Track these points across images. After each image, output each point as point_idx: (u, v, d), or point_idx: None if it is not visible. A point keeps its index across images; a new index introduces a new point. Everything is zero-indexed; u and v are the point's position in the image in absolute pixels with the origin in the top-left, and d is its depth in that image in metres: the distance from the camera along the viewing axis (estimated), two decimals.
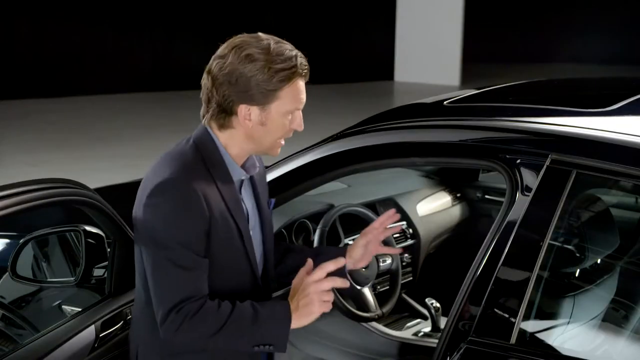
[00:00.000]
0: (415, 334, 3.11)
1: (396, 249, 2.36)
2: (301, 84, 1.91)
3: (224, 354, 1.97)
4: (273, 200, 2.13)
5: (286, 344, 1.91)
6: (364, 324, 2.98)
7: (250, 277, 2.01)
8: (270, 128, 1.91)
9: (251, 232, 2.00)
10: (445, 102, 2.59)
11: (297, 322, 1.90)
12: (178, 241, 1.83)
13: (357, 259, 2.20)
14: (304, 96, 1.93)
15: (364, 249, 2.19)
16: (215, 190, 1.89)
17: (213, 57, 1.92)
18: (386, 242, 2.99)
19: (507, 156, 2.11)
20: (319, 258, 2.16)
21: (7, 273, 2.44)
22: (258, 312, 1.88)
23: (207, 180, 1.89)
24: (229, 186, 1.94)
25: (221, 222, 1.90)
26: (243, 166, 2.00)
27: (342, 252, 2.19)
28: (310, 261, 2.00)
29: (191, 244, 1.84)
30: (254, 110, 1.89)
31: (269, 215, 2.10)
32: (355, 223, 3.01)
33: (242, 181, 2.01)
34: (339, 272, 2.07)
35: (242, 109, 1.89)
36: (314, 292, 1.88)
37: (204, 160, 1.91)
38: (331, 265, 1.93)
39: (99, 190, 2.30)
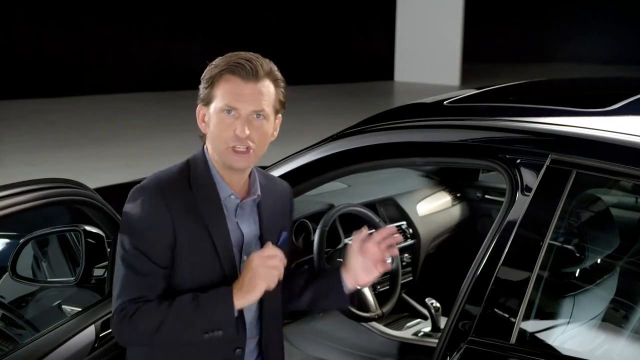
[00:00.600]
0: (415, 334, 3.11)
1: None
2: (235, 81, 1.88)
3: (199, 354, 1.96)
4: (285, 233, 2.07)
5: (234, 326, 1.89)
6: (364, 324, 2.98)
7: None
8: (212, 129, 1.91)
9: (244, 258, 1.97)
10: (445, 102, 2.59)
11: (242, 300, 1.88)
12: (136, 247, 1.88)
13: (357, 271, 2.04)
14: (238, 97, 1.87)
15: (359, 258, 2.03)
16: (193, 207, 1.91)
17: None
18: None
19: (507, 156, 2.11)
20: (315, 283, 2.13)
21: (7, 273, 2.44)
22: (199, 298, 1.88)
23: (185, 195, 1.91)
24: (212, 205, 1.93)
25: (195, 240, 1.90)
26: (247, 191, 2.00)
27: (337, 272, 2.09)
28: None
29: (149, 252, 1.88)
30: (203, 110, 1.94)
31: None
32: (355, 223, 3.00)
33: (237, 204, 1.98)
34: (339, 294, 2.06)
35: (197, 109, 1.95)
36: (258, 266, 1.86)
37: (189, 177, 1.94)
38: (276, 251, 1.90)
39: (99, 190, 2.30)
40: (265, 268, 1.87)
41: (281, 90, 1.96)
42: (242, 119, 1.88)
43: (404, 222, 3.36)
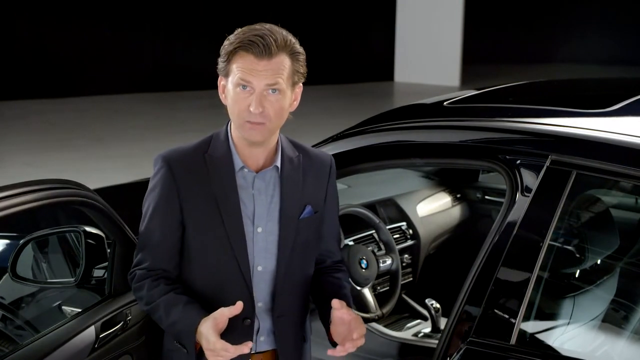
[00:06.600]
0: (415, 335, 3.11)
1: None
2: (248, 57, 1.89)
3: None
4: (309, 207, 2.03)
5: (194, 353, 1.90)
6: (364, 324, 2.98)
7: (238, 276, 1.98)
8: (230, 102, 1.95)
9: (259, 230, 1.98)
10: (445, 103, 2.59)
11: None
12: (148, 214, 2.00)
13: (336, 335, 2.03)
14: (251, 72, 1.88)
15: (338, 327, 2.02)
16: (204, 179, 1.96)
17: None
18: (387, 244, 3.00)
19: (507, 157, 2.12)
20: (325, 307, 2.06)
21: (7, 273, 2.43)
22: (170, 310, 1.92)
23: (197, 168, 1.97)
24: (224, 177, 1.97)
25: (203, 212, 1.96)
26: (270, 163, 2.00)
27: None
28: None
29: (151, 223, 1.99)
30: (223, 81, 1.97)
31: (291, 221, 2.01)
32: (355, 223, 3.01)
33: (254, 176, 1.99)
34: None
35: (218, 80, 1.98)
36: (206, 345, 1.85)
37: (207, 150, 1.99)
38: (227, 312, 1.87)
39: (99, 191, 2.30)
40: (212, 355, 1.85)
41: (299, 63, 1.96)
42: (256, 95, 1.90)
43: (404, 223, 3.36)
